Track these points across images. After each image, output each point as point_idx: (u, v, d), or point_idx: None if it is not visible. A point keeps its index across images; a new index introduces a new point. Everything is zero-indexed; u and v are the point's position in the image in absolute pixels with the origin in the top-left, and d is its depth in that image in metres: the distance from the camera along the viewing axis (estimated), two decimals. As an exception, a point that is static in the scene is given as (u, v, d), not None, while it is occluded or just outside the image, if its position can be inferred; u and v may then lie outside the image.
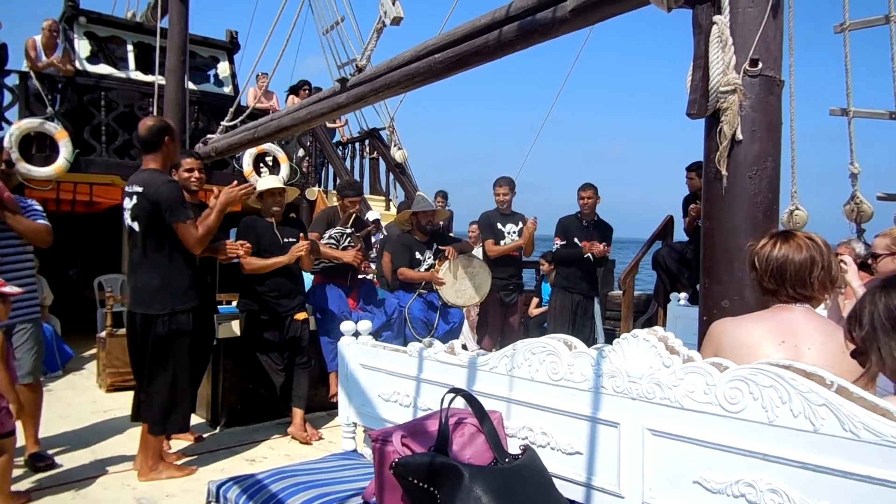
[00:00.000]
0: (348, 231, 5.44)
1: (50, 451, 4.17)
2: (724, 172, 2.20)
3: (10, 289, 3.43)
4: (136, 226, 3.85)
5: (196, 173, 4.46)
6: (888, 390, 3.34)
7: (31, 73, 7.70)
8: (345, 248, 5.36)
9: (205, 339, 4.50)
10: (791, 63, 4.19)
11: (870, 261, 3.81)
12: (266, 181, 5.05)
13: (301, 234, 4.93)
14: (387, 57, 3.69)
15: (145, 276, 3.89)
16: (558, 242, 6.35)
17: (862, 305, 1.62)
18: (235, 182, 4.31)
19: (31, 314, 4.03)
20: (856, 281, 3.72)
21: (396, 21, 3.56)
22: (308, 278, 5.79)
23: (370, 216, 7.92)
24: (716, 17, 2.14)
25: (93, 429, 4.93)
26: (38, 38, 8.00)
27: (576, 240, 6.24)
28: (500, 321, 6.37)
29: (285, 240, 4.84)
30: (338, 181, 9.84)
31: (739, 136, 2.17)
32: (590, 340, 6.17)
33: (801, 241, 2.06)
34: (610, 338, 6.49)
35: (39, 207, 4.15)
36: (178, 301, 3.89)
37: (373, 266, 6.29)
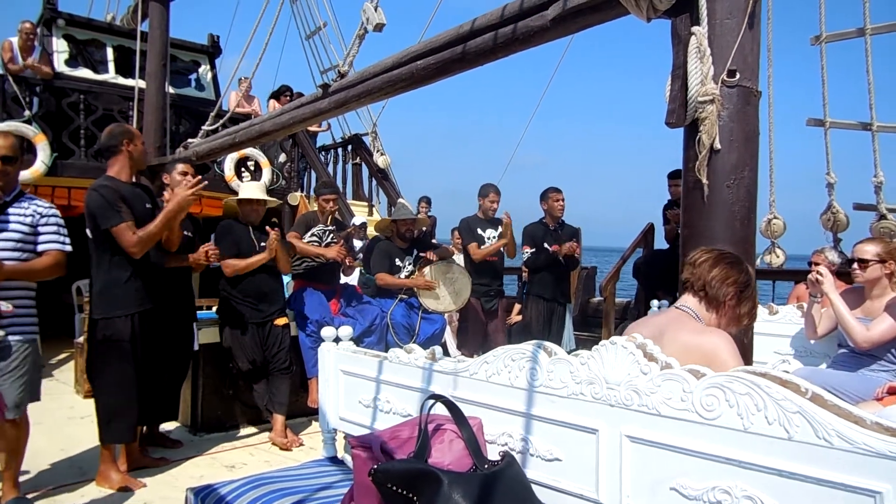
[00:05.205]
0: (331, 228, 5.43)
1: (25, 456, 4.09)
2: (704, 181, 2.22)
3: (4, 306, 3.07)
4: (88, 232, 3.88)
5: (189, 178, 4.42)
6: (859, 396, 3.39)
7: (8, 76, 7.61)
8: (328, 245, 5.35)
9: (178, 345, 4.48)
10: (770, 74, 4.26)
11: (855, 265, 3.82)
12: (247, 190, 5.02)
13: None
14: (370, 63, 3.69)
15: (93, 281, 3.93)
16: (527, 251, 6.36)
17: None
18: (184, 182, 4.16)
19: (24, 332, 3.40)
20: (833, 292, 3.76)
21: (379, 27, 3.56)
22: (288, 284, 5.77)
23: (356, 221, 7.92)
24: (694, 28, 2.17)
25: (70, 435, 4.87)
26: (15, 41, 7.90)
27: (546, 245, 6.27)
28: (482, 327, 6.38)
29: (262, 244, 4.83)
30: (318, 185, 9.82)
31: (717, 145, 2.20)
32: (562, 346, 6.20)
33: (741, 264, 2.18)
34: (580, 345, 6.53)
35: (23, 213, 3.41)
36: (116, 305, 3.86)
37: (357, 260, 6.30)
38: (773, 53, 4.04)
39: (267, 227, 4.80)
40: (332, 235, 5.41)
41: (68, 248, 3.57)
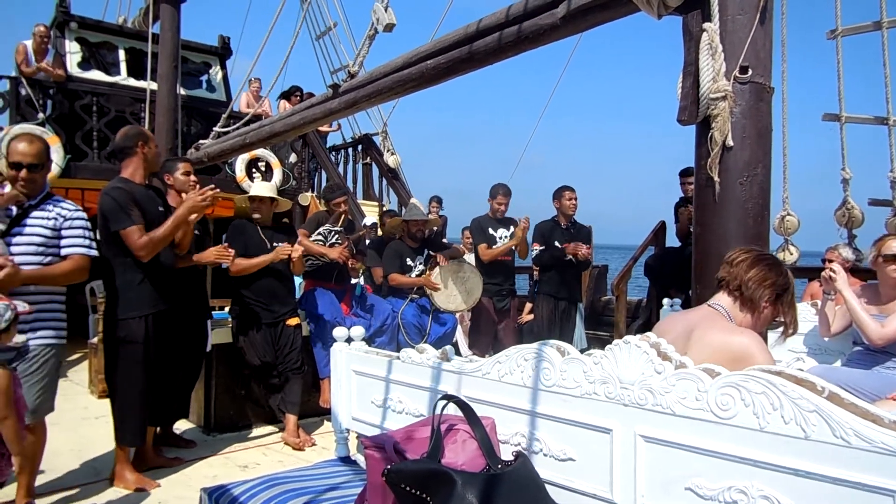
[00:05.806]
0: (337, 229, 5.44)
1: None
2: (716, 178, 2.21)
3: (21, 306, 2.81)
4: (98, 234, 3.85)
5: (192, 177, 4.45)
6: (875, 394, 3.36)
7: (22, 79, 7.67)
8: (332, 246, 5.35)
9: (192, 345, 4.50)
10: (783, 69, 4.23)
11: None
12: (256, 187, 5.06)
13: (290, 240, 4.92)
14: (380, 63, 3.69)
15: (107, 283, 3.94)
16: (537, 248, 6.34)
17: None
18: (197, 186, 4.18)
19: (47, 336, 3.27)
20: (846, 289, 3.72)
21: (389, 28, 3.56)
22: (300, 284, 5.78)
23: (367, 221, 7.92)
24: (706, 25, 2.15)
25: (84, 435, 4.90)
26: (29, 44, 7.97)
27: (557, 243, 6.24)
28: (493, 327, 6.37)
29: (273, 244, 4.84)
30: (328, 187, 9.82)
31: (730, 142, 2.18)
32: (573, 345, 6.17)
33: (780, 267, 2.15)
34: (591, 343, 6.52)
35: (46, 216, 3.29)
36: (130, 307, 3.87)
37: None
38: (786, 49, 4.01)
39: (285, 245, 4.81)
40: (336, 236, 5.41)
41: (93, 252, 3.44)
